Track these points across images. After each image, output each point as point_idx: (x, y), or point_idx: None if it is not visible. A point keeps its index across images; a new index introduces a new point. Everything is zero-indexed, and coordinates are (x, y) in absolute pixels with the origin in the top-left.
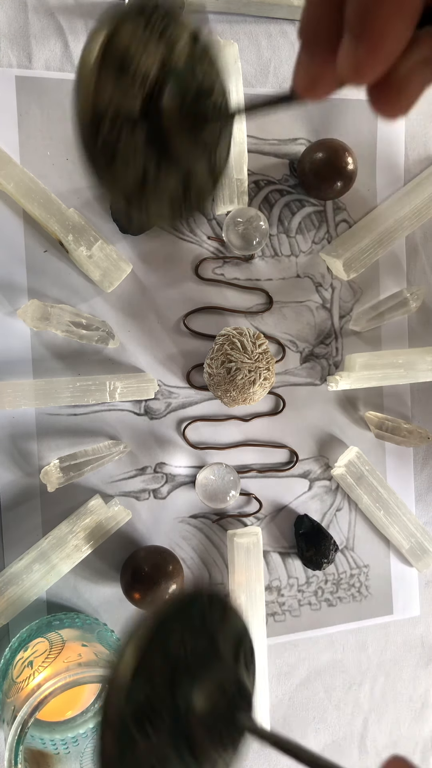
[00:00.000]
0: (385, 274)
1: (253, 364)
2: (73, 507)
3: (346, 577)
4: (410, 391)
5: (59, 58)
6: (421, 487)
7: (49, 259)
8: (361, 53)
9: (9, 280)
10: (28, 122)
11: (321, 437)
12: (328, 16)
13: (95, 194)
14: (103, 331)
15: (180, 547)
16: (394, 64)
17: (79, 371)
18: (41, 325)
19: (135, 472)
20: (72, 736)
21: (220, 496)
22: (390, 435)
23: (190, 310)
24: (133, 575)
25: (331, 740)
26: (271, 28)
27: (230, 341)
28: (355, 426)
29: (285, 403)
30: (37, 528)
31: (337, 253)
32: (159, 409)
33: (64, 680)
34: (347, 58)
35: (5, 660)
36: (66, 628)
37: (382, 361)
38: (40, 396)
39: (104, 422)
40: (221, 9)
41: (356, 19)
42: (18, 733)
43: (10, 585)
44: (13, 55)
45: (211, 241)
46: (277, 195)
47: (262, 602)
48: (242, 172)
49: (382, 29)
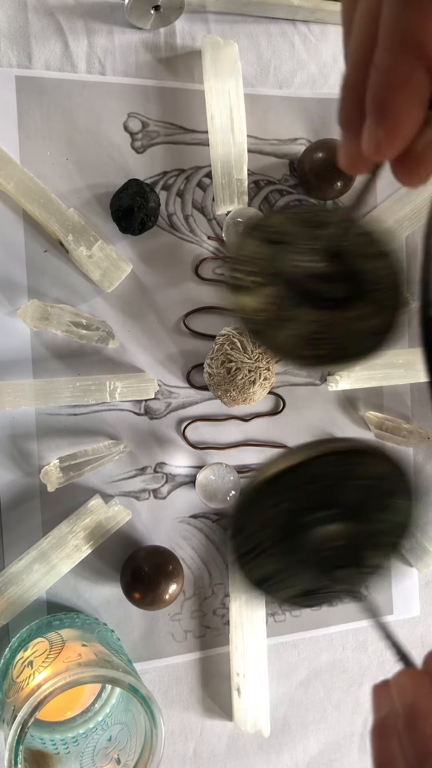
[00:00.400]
0: None
1: (253, 364)
2: (73, 507)
3: None
4: (410, 391)
5: (59, 58)
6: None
7: (49, 259)
8: (381, 135)
9: (9, 280)
10: (28, 122)
11: (321, 437)
12: (357, 104)
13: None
14: (103, 331)
15: (180, 547)
16: (411, 142)
17: (79, 371)
18: (41, 325)
19: (135, 472)
20: (72, 736)
21: (220, 496)
22: (390, 435)
23: (190, 310)
24: (133, 575)
25: (331, 740)
26: (271, 28)
27: (230, 341)
28: (355, 426)
29: (285, 403)
30: (37, 528)
31: None
32: (159, 409)
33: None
34: (369, 140)
35: (5, 660)
36: (66, 628)
37: (382, 361)
38: (40, 396)
39: (104, 422)
40: (221, 9)
41: (375, 105)
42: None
43: (10, 585)
44: (13, 55)
45: (211, 241)
46: (277, 195)
47: (262, 602)
48: (242, 172)
49: (396, 114)
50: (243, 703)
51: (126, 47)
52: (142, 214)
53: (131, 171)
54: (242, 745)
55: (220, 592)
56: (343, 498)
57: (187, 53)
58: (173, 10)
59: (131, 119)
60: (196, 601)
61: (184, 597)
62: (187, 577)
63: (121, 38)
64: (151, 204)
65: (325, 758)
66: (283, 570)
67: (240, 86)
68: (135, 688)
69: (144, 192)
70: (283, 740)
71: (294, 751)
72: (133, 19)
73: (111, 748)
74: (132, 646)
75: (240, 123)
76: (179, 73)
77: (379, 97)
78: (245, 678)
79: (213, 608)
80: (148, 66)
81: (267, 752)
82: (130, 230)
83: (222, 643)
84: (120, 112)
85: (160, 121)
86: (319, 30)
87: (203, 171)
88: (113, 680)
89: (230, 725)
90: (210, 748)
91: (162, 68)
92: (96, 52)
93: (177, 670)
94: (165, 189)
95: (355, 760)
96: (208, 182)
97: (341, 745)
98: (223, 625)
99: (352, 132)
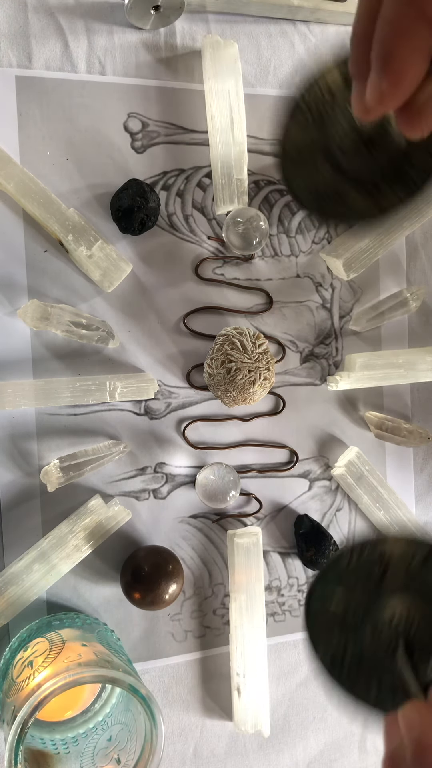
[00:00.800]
0: (385, 274)
1: (253, 364)
2: (73, 507)
3: None
4: (410, 391)
5: (59, 58)
6: (421, 487)
7: (49, 259)
8: (384, 85)
9: (9, 280)
10: (28, 122)
11: (321, 437)
12: (365, 55)
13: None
14: (103, 331)
15: (180, 547)
16: (413, 93)
17: (79, 371)
18: (41, 325)
19: (135, 472)
20: (72, 736)
21: (220, 496)
22: (390, 435)
23: (190, 310)
24: (133, 575)
25: (331, 740)
26: (271, 28)
27: (230, 341)
28: (355, 426)
29: (285, 403)
30: (37, 528)
31: (337, 253)
32: (159, 409)
33: (64, 680)
34: (373, 90)
35: (5, 660)
36: (66, 628)
37: (382, 361)
38: (40, 396)
39: (104, 422)
40: (221, 9)
41: (379, 57)
42: (18, 733)
43: (10, 585)
44: (13, 55)
45: (211, 241)
46: (277, 195)
47: (262, 602)
48: (242, 172)
49: (400, 65)
50: (243, 703)
51: (126, 47)
52: (142, 214)
53: (131, 171)
54: (242, 745)
55: (220, 592)
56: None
57: (187, 53)
58: (173, 10)
59: (131, 119)
60: (196, 601)
61: (184, 597)
62: (187, 577)
63: (121, 38)
64: (151, 204)
65: (325, 758)
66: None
67: (240, 86)
68: (135, 688)
69: (144, 192)
70: (283, 740)
71: (294, 751)
72: (133, 19)
73: (111, 748)
74: (132, 646)
75: (240, 123)
76: (179, 73)
77: (383, 48)
78: (245, 678)
79: (213, 608)
80: (148, 66)
81: (267, 752)
82: (130, 230)
83: (222, 643)
84: (120, 112)
85: (160, 121)
86: (319, 30)
87: (203, 171)
88: (113, 680)
89: (230, 725)
90: (210, 748)
91: (162, 68)
92: (96, 52)
93: (177, 670)
94: (165, 189)
95: (355, 760)
96: (208, 182)
97: (341, 745)
98: (223, 625)
99: (362, 82)
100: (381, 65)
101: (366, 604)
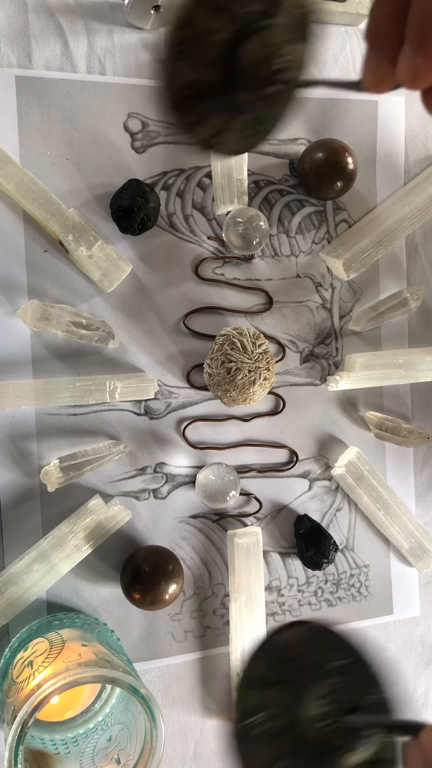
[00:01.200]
0: (385, 274)
1: (253, 364)
2: (73, 507)
3: (346, 577)
4: (410, 391)
5: (59, 58)
6: (421, 487)
7: (49, 259)
8: (419, 63)
9: (9, 280)
10: (28, 122)
11: (321, 437)
12: (392, 26)
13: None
14: (103, 331)
15: (180, 547)
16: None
17: (79, 371)
18: (41, 325)
19: (135, 472)
20: (72, 736)
21: (220, 496)
22: (390, 435)
23: (190, 310)
24: (133, 575)
25: None
26: None
27: (230, 341)
28: (355, 426)
29: (285, 403)
30: (37, 528)
31: (337, 253)
32: (159, 409)
33: (64, 680)
34: (406, 67)
35: (5, 660)
36: (66, 628)
37: (382, 361)
38: (40, 396)
39: (104, 422)
40: None
41: (416, 33)
42: (18, 733)
43: (10, 585)
44: (13, 55)
45: (211, 241)
46: (277, 195)
47: (262, 602)
48: (242, 172)
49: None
50: None
51: (126, 47)
52: (142, 214)
53: (131, 171)
54: None
55: (220, 592)
56: None
57: None
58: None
59: (131, 119)
60: (196, 601)
61: (184, 597)
62: (187, 577)
63: (121, 38)
64: (151, 204)
65: None
66: None
67: None
68: (135, 688)
69: (144, 192)
70: None
71: None
72: (133, 19)
73: (111, 748)
74: (132, 646)
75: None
76: None
77: (422, 24)
78: None
79: (213, 608)
80: (148, 66)
81: None
82: (130, 230)
83: (222, 643)
84: (120, 112)
85: (160, 121)
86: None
87: (203, 171)
88: (113, 680)
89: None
90: (210, 748)
91: None
92: (96, 52)
93: (177, 670)
94: (165, 189)
95: None
96: (208, 182)
97: None
98: (223, 625)
99: (382, 52)
100: (419, 42)
101: (289, 705)
